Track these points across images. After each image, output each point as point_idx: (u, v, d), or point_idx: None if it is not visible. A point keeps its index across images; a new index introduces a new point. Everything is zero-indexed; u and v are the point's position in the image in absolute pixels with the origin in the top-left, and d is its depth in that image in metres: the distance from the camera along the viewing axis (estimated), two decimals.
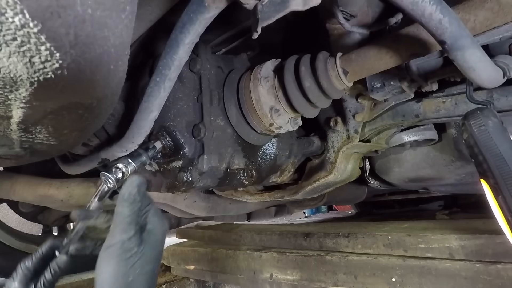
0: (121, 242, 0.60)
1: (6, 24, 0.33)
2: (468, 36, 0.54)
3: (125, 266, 0.60)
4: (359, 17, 0.84)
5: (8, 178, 1.37)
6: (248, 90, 0.90)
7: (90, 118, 0.59)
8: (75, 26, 0.38)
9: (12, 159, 0.71)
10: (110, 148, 0.83)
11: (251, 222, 2.59)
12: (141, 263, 0.61)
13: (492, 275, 0.89)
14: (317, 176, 1.12)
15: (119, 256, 0.60)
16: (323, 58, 0.81)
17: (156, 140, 0.85)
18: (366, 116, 1.02)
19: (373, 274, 1.09)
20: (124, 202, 0.64)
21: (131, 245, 0.61)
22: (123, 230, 0.62)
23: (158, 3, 0.77)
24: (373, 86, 0.88)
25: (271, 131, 0.94)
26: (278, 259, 1.33)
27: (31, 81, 0.40)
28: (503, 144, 0.59)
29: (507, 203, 0.58)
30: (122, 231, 0.62)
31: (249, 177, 0.98)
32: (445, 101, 0.94)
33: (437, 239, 1.01)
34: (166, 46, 0.71)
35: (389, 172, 1.35)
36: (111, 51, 0.45)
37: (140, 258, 0.61)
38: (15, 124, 0.52)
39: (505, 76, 0.64)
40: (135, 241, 0.62)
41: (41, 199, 1.36)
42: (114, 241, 0.60)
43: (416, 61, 0.79)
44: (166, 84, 0.73)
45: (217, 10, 0.63)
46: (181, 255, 1.74)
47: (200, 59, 0.91)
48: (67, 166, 1.05)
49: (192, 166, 0.88)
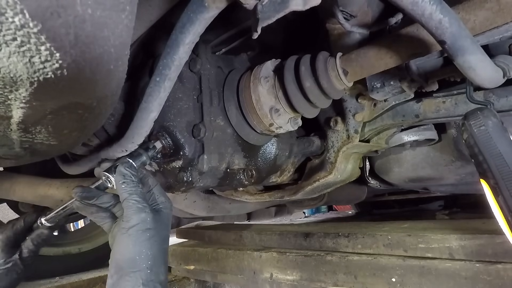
0: (140, 223, 0.64)
1: (6, 24, 0.33)
2: (468, 36, 0.54)
3: (148, 244, 0.64)
4: (359, 17, 0.84)
5: (8, 178, 1.37)
6: (248, 90, 0.90)
7: (90, 118, 0.59)
8: (75, 26, 0.38)
9: (12, 159, 0.71)
10: (110, 148, 0.83)
11: (251, 222, 2.59)
12: (158, 239, 0.66)
13: (492, 275, 0.89)
14: (317, 176, 1.12)
15: (141, 236, 0.64)
16: (323, 58, 0.81)
17: (156, 140, 0.85)
18: (366, 116, 1.02)
19: (373, 274, 1.09)
20: (124, 186, 0.68)
21: (148, 225, 0.65)
22: (137, 211, 0.65)
23: (158, 3, 0.77)
24: (373, 86, 0.87)
25: (271, 131, 0.94)
26: (278, 259, 1.33)
27: (31, 81, 0.40)
28: (503, 144, 0.59)
29: (507, 203, 0.58)
30: (137, 212, 0.65)
31: (249, 177, 0.98)
32: (445, 101, 0.94)
33: (437, 239, 1.01)
34: (166, 46, 0.71)
35: (389, 172, 1.35)
36: (111, 51, 0.45)
37: (156, 235, 0.65)
38: (15, 124, 0.52)
39: (505, 76, 0.64)
40: (151, 220, 0.66)
41: (41, 199, 1.36)
42: (133, 223, 0.64)
43: (416, 61, 0.79)
44: (166, 84, 0.73)
45: (217, 10, 0.63)
46: (181, 255, 1.74)
47: (200, 59, 0.91)
48: (67, 166, 1.05)
49: (192, 166, 0.88)
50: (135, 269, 0.61)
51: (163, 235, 0.68)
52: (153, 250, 0.64)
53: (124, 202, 0.67)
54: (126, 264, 0.62)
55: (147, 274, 0.61)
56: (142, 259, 0.62)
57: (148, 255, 0.63)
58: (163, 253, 0.67)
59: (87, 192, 0.71)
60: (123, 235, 0.64)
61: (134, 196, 0.66)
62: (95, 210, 0.73)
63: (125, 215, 0.66)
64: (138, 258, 0.62)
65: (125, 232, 0.64)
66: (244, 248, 1.52)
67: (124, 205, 0.67)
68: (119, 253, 0.63)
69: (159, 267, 0.64)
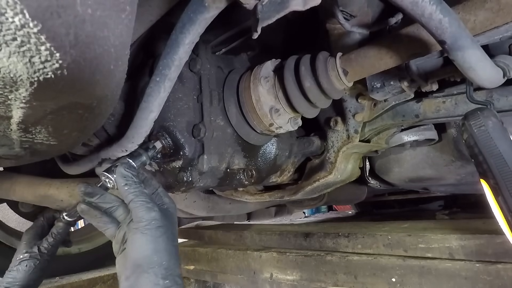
0: (153, 220, 0.65)
1: (6, 24, 0.33)
2: (468, 36, 0.54)
3: (162, 241, 0.65)
4: (359, 17, 0.84)
5: (8, 178, 1.37)
6: (248, 90, 0.90)
7: (90, 118, 0.59)
8: (75, 26, 0.38)
9: (12, 159, 0.71)
10: (110, 148, 0.83)
11: (251, 222, 2.59)
12: (170, 235, 0.67)
13: (492, 275, 0.89)
14: (317, 176, 1.12)
15: (156, 233, 0.65)
16: (323, 58, 0.81)
17: (156, 140, 0.85)
18: (366, 116, 1.02)
19: (373, 274, 1.09)
20: (127, 188, 0.69)
21: (159, 223, 0.66)
22: (147, 210, 0.66)
23: (158, 3, 0.77)
24: (373, 86, 0.87)
25: (271, 131, 0.94)
26: (278, 259, 1.33)
27: (31, 81, 0.40)
28: (503, 144, 0.60)
29: (507, 203, 0.58)
30: (147, 211, 0.66)
31: (249, 177, 0.98)
32: (445, 101, 0.94)
33: (437, 239, 1.01)
34: (166, 46, 0.71)
35: (389, 172, 1.35)
36: (111, 51, 0.45)
37: (167, 231, 0.67)
38: (15, 124, 0.52)
39: (505, 76, 0.64)
40: (161, 218, 0.67)
41: (41, 199, 1.36)
42: (145, 221, 0.65)
43: (416, 61, 0.79)
44: (166, 84, 0.73)
45: (217, 10, 0.63)
46: (181, 255, 1.74)
47: (200, 59, 0.91)
48: (67, 166, 1.05)
49: (192, 166, 0.88)
50: (153, 265, 0.62)
51: (174, 232, 0.70)
52: (168, 246, 0.66)
53: (131, 203, 0.67)
54: (144, 261, 0.63)
55: (165, 268, 0.63)
56: (159, 256, 0.64)
57: (164, 250, 0.64)
58: (176, 249, 0.68)
59: (91, 188, 0.72)
60: (137, 234, 0.65)
61: (140, 197, 0.67)
62: (99, 214, 0.73)
63: (135, 216, 0.67)
64: (156, 255, 0.63)
65: (138, 231, 0.65)
66: (244, 248, 1.52)
67: (131, 206, 0.68)
68: (135, 252, 0.64)
69: (175, 261, 0.66)
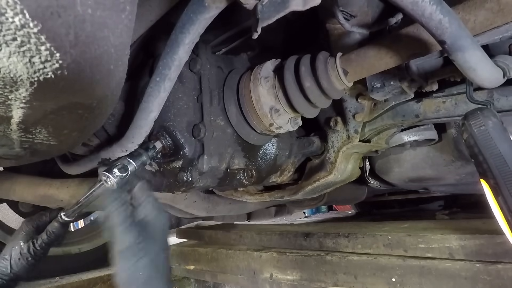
0: (126, 248, 0.67)
1: (6, 24, 0.33)
2: (468, 36, 0.54)
3: (138, 267, 0.66)
4: (359, 17, 0.84)
5: (8, 178, 1.37)
6: (248, 90, 0.90)
7: (90, 118, 0.59)
8: (75, 26, 0.38)
9: (12, 159, 0.71)
10: (110, 148, 0.83)
11: (251, 222, 2.59)
12: (149, 259, 0.67)
13: (492, 275, 0.89)
14: (317, 176, 1.12)
15: (129, 261, 0.66)
16: (323, 58, 0.81)
17: (156, 140, 0.85)
18: (366, 116, 1.02)
19: (373, 274, 1.09)
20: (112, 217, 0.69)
21: (135, 248, 0.67)
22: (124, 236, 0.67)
23: (158, 3, 0.77)
24: (373, 86, 0.87)
25: (271, 131, 0.94)
26: (278, 259, 1.33)
27: (31, 81, 0.40)
28: (503, 144, 0.60)
29: (507, 203, 0.58)
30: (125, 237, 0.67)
31: (249, 177, 0.98)
32: (445, 101, 0.94)
33: (437, 239, 1.01)
34: (166, 46, 0.71)
35: (389, 172, 1.35)
36: (111, 51, 0.45)
37: (146, 256, 0.67)
38: (15, 124, 0.52)
39: (505, 76, 0.64)
40: (138, 244, 0.67)
41: (41, 199, 1.36)
42: (122, 247, 0.67)
43: (416, 61, 0.79)
44: (166, 84, 0.73)
45: (217, 10, 0.63)
46: (181, 255, 1.74)
47: (200, 59, 0.91)
48: (67, 166, 1.05)
49: (192, 166, 0.88)
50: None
51: (157, 250, 0.69)
52: (145, 270, 0.66)
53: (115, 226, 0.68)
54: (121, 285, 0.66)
55: None
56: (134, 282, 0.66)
57: (140, 276, 0.66)
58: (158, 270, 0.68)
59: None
60: (116, 257, 0.67)
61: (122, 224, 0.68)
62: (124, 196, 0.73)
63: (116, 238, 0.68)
64: (130, 281, 0.66)
65: (117, 254, 0.67)
66: (244, 248, 1.52)
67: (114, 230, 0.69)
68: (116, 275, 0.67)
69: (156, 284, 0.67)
